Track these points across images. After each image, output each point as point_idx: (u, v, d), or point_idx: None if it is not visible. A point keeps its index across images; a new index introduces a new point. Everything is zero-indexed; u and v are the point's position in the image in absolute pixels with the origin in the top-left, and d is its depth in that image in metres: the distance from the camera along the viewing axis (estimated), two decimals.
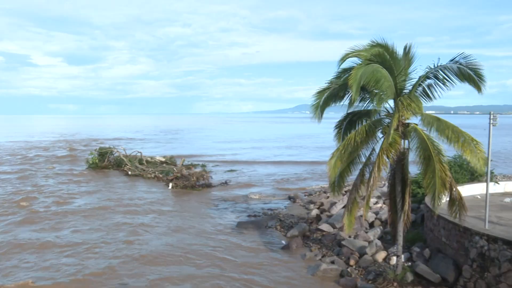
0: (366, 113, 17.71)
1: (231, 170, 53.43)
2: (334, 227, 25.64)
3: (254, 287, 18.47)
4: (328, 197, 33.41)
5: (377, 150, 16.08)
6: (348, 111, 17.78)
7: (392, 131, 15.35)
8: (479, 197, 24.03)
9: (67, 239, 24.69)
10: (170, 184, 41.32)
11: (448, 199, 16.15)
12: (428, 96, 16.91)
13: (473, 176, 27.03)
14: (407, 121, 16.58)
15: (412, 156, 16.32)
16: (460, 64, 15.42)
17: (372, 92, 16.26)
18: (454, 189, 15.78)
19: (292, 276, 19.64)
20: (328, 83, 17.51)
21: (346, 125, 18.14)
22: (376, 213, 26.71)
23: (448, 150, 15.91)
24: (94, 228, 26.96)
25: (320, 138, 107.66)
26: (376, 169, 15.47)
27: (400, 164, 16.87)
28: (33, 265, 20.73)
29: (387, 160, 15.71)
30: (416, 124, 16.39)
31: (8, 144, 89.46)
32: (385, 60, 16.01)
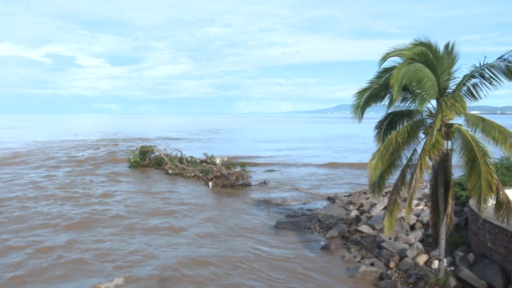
0: (408, 113, 17.36)
1: (271, 170, 53.53)
2: (374, 228, 25.28)
3: None
4: (368, 198, 32.95)
5: (419, 151, 15.74)
6: (389, 111, 17.51)
7: (435, 132, 14.96)
8: None
9: (116, 237, 25.40)
10: (210, 183, 41.86)
11: (494, 202, 15.60)
12: (473, 95, 16.35)
13: None
14: (450, 122, 16.12)
15: (455, 158, 15.87)
16: (509, 62, 14.75)
17: (414, 92, 15.92)
18: (501, 192, 15.18)
19: (330, 277, 19.49)
20: (369, 83, 17.31)
21: (386, 125, 17.85)
22: (417, 215, 26.09)
23: (494, 152, 15.37)
24: (138, 225, 27.71)
25: (360, 139, 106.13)
26: (418, 170, 15.12)
27: (442, 166, 16.44)
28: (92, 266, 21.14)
29: (429, 161, 15.37)
30: (460, 125, 15.92)
31: (56, 143, 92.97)
32: (428, 59, 15.62)
